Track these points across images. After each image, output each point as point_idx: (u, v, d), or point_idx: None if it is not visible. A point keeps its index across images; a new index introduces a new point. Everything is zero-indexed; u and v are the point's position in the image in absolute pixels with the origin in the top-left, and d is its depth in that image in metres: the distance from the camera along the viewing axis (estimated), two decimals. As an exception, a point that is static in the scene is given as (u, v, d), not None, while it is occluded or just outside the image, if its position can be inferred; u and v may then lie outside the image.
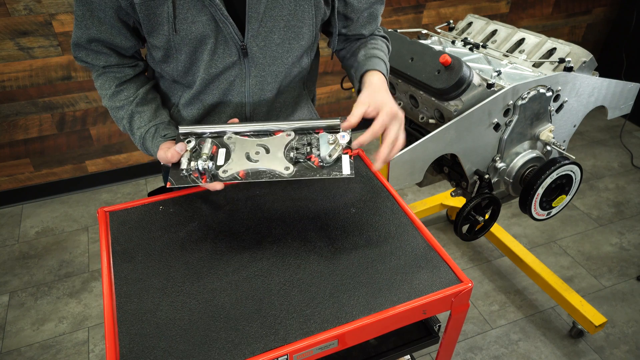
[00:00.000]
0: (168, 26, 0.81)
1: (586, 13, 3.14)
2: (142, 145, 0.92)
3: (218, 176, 0.79)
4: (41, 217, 2.35)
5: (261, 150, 0.82)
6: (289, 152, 0.81)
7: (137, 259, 0.82)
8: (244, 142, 0.83)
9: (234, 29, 0.83)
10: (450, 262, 0.81)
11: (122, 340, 0.69)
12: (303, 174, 0.78)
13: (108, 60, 0.90)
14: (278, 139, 0.83)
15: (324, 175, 0.78)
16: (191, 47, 0.84)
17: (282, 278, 0.79)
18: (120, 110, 0.92)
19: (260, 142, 0.83)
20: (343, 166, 0.79)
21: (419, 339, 0.87)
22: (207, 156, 0.79)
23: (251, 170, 0.79)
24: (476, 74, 1.24)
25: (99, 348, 1.74)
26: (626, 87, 1.50)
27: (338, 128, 0.83)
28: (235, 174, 0.79)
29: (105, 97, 0.93)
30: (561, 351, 1.72)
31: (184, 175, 0.79)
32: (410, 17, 2.70)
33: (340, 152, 0.79)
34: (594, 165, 2.71)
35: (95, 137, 2.40)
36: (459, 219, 1.39)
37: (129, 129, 0.93)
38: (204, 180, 0.78)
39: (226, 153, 0.81)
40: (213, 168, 0.79)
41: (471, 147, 1.31)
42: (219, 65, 0.87)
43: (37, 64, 2.09)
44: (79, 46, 0.88)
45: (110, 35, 0.86)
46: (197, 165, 0.78)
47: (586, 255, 2.13)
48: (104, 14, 0.82)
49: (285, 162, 0.79)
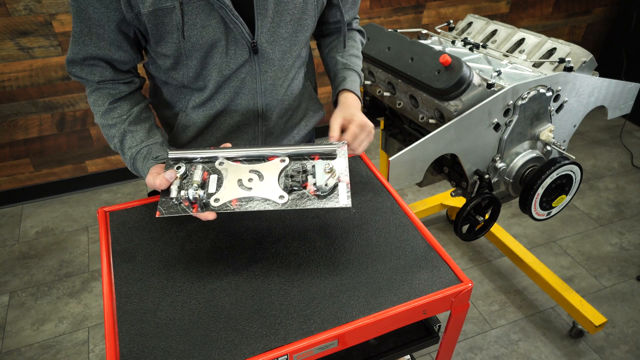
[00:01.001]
0: (177, 34, 0.80)
1: (586, 13, 3.14)
2: (132, 166, 0.89)
3: (210, 205, 0.75)
4: (41, 217, 2.35)
5: (254, 177, 0.78)
6: (283, 179, 0.78)
7: (137, 259, 0.82)
8: (236, 169, 0.80)
9: (245, 28, 0.83)
10: (450, 262, 0.81)
11: (122, 340, 0.69)
12: (298, 203, 0.75)
13: (103, 75, 0.87)
14: (272, 164, 0.80)
15: (320, 205, 0.75)
16: (202, 51, 0.84)
17: (282, 278, 0.79)
18: (112, 129, 0.89)
19: (254, 169, 0.80)
20: (340, 196, 0.76)
21: (419, 339, 0.87)
22: (197, 184, 0.76)
23: (244, 198, 0.76)
24: (476, 74, 1.24)
25: (99, 348, 1.74)
26: (626, 87, 1.50)
27: (334, 155, 0.81)
28: (228, 202, 0.75)
29: (97, 113, 0.89)
30: (561, 351, 1.72)
31: (173, 204, 0.75)
32: (410, 17, 2.70)
33: (336, 180, 0.77)
34: (594, 165, 2.71)
35: (95, 137, 2.40)
36: (459, 219, 1.39)
37: (119, 148, 0.89)
38: (194, 210, 0.75)
39: (218, 180, 0.78)
40: (204, 197, 0.75)
41: (471, 147, 1.31)
42: (232, 66, 0.87)
43: (37, 64, 2.09)
44: (74, 62, 0.85)
45: (109, 52, 0.83)
46: (188, 194, 0.74)
47: (586, 255, 2.13)
48: (103, 30, 0.80)
49: (279, 190, 0.77)
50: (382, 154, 1.85)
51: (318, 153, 0.81)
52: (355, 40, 1.10)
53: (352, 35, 1.10)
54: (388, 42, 1.43)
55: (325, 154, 0.81)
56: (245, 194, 0.76)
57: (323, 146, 0.81)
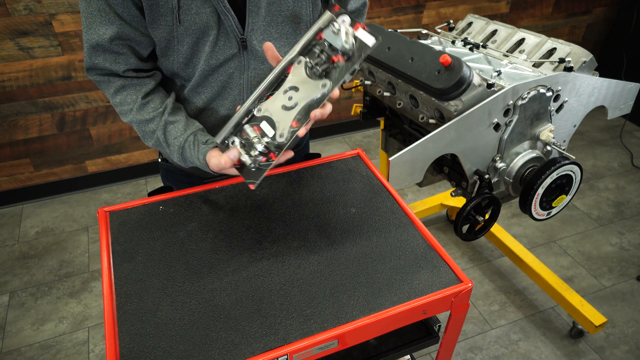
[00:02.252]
0: (172, 17, 0.82)
1: (586, 13, 3.14)
2: (181, 155, 0.89)
3: (281, 143, 0.76)
4: (41, 217, 2.35)
5: (291, 94, 0.77)
6: (313, 72, 0.77)
7: (137, 259, 0.82)
8: (273, 102, 0.79)
9: (235, 22, 0.84)
10: (450, 262, 0.81)
11: (122, 340, 0.69)
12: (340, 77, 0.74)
13: (128, 62, 0.86)
14: (294, 73, 0.78)
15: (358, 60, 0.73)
16: (194, 37, 0.85)
17: (282, 278, 0.79)
18: (150, 123, 0.89)
19: (284, 88, 0.78)
20: (364, 39, 0.74)
21: (419, 339, 0.87)
22: (258, 138, 0.77)
23: (299, 113, 0.76)
24: (476, 74, 1.24)
25: (99, 348, 1.74)
26: (626, 87, 1.50)
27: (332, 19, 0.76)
28: (289, 128, 0.76)
29: (130, 112, 0.89)
30: (561, 351, 1.72)
31: (254, 169, 0.77)
32: (410, 17, 2.70)
33: (352, 33, 0.74)
34: (594, 165, 2.71)
35: (95, 137, 2.40)
36: (459, 219, 1.39)
37: (163, 141, 0.89)
38: (273, 158, 0.76)
39: (269, 122, 0.78)
40: (271, 142, 0.76)
41: (471, 147, 1.31)
42: (219, 57, 0.88)
43: (37, 64, 2.09)
44: (99, 48, 0.83)
45: (132, 30, 0.83)
46: (257, 151, 0.76)
47: (586, 255, 2.13)
48: (123, 8, 0.81)
49: (317, 84, 0.76)
50: (382, 154, 1.85)
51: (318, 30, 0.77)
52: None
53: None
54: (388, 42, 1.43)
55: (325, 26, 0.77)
56: (296, 111, 0.76)
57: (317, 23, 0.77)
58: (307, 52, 0.78)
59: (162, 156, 1.11)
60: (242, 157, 0.78)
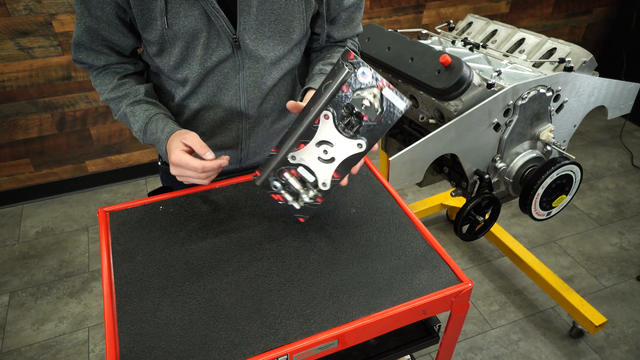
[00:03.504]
0: (161, 21, 0.83)
1: (586, 13, 3.14)
2: (145, 126, 0.89)
3: (325, 190, 0.81)
4: (41, 217, 2.35)
5: (326, 147, 0.79)
6: (344, 129, 0.77)
7: (137, 259, 0.82)
8: (307, 153, 0.80)
9: (226, 22, 0.85)
10: (450, 262, 0.81)
11: (122, 340, 0.69)
12: (373, 136, 0.75)
13: (109, 60, 0.91)
14: (324, 126, 0.77)
15: (389, 122, 0.73)
16: (184, 41, 0.86)
17: (282, 278, 0.79)
18: (123, 99, 0.92)
19: (317, 141, 0.79)
20: (394, 103, 0.73)
21: (419, 339, 0.87)
22: (302, 187, 0.82)
23: (339, 166, 0.79)
24: (476, 74, 1.24)
25: (99, 348, 1.74)
26: (626, 87, 1.50)
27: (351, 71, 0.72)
28: (332, 179, 0.80)
29: (105, 91, 0.92)
30: (561, 351, 1.72)
31: (305, 207, 0.84)
32: (410, 17, 2.69)
33: (378, 94, 0.72)
34: (594, 165, 2.71)
35: (95, 137, 2.40)
36: (459, 219, 1.39)
37: (130, 112, 0.90)
38: (320, 201, 0.83)
39: (306, 169, 0.81)
40: (316, 191, 0.81)
41: (471, 147, 1.31)
42: (214, 59, 0.88)
43: (37, 64, 2.09)
44: (80, 46, 0.88)
45: (109, 33, 0.86)
46: (303, 200, 0.83)
47: (586, 255, 2.13)
48: (102, 12, 0.83)
49: (352, 141, 0.77)
50: (382, 154, 1.85)
51: (342, 83, 0.73)
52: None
53: (340, 50, 1.03)
54: (388, 42, 1.43)
55: (345, 79, 0.73)
56: (336, 164, 0.79)
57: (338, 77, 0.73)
58: (334, 104, 0.75)
59: (162, 159, 1.11)
60: (289, 202, 0.85)
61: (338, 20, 0.98)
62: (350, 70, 0.71)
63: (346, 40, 1.04)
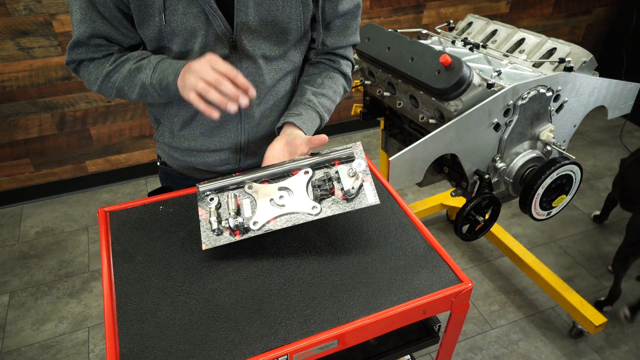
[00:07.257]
0: (159, 17, 0.82)
1: (586, 13, 3.14)
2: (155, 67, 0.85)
3: (250, 229, 0.80)
4: (41, 217, 2.35)
5: (284, 194, 0.82)
6: (311, 190, 0.82)
7: (137, 259, 0.82)
8: (265, 189, 0.83)
9: (223, 22, 0.84)
10: (450, 262, 0.81)
11: (122, 340, 0.69)
12: (331, 210, 0.79)
13: (109, 51, 0.89)
14: (297, 178, 0.83)
15: (351, 207, 0.79)
16: (182, 38, 0.85)
17: (282, 278, 0.79)
18: (128, 61, 0.88)
19: (282, 186, 0.83)
20: (367, 195, 0.80)
21: (419, 339, 0.87)
22: (234, 212, 0.80)
23: (280, 216, 0.80)
24: (476, 74, 1.24)
25: (99, 348, 1.74)
26: (626, 87, 1.50)
27: (353, 157, 0.83)
28: (266, 223, 0.80)
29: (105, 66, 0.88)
30: (561, 351, 1.72)
31: (217, 235, 0.80)
32: (410, 17, 2.70)
33: (361, 181, 0.80)
34: (594, 165, 2.71)
35: (95, 137, 2.40)
36: (459, 219, 1.39)
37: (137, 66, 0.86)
38: (237, 235, 0.80)
39: (251, 204, 0.82)
40: (244, 222, 0.80)
41: (471, 147, 1.31)
42: None
43: (37, 64, 2.09)
44: (79, 44, 0.87)
45: (113, 29, 0.85)
46: (229, 224, 0.79)
47: (586, 255, 2.13)
48: (104, 7, 0.83)
49: (310, 201, 0.80)
50: (382, 154, 1.85)
51: (337, 158, 0.84)
52: (335, 82, 1.01)
53: (333, 76, 1.01)
54: (388, 42, 1.43)
55: (344, 157, 0.83)
56: (280, 212, 0.80)
57: (340, 151, 0.83)
58: (318, 168, 0.84)
59: (161, 159, 1.11)
60: (210, 218, 0.81)
61: (332, 26, 0.97)
62: (352, 159, 0.83)
63: (341, 50, 1.01)
